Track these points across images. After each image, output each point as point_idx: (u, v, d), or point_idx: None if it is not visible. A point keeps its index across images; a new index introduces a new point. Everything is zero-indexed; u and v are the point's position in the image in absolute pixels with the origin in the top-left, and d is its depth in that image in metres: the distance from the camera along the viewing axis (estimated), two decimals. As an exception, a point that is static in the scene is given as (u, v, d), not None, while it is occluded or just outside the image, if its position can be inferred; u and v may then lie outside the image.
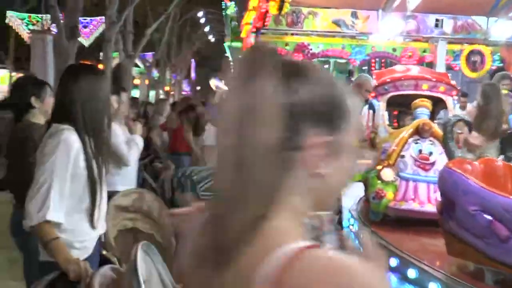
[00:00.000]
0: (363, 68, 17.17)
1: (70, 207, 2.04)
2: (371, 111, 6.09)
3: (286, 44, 8.28)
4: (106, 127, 2.22)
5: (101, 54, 31.11)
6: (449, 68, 8.86)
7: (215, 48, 33.96)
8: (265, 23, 6.27)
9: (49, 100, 2.97)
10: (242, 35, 8.13)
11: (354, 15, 8.46)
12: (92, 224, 2.11)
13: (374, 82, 5.41)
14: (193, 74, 42.08)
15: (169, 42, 26.67)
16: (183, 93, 38.82)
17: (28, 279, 2.81)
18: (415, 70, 5.83)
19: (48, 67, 13.29)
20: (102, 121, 2.17)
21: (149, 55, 29.15)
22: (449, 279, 3.52)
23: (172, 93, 33.28)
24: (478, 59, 9.04)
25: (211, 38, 29.40)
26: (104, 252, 2.27)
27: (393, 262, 4.13)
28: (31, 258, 2.67)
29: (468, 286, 3.38)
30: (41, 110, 2.99)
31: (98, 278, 1.76)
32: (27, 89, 3.02)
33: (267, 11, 5.76)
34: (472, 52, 9.07)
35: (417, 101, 5.05)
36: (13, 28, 22.52)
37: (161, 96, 25.18)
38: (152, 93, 28.44)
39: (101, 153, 2.15)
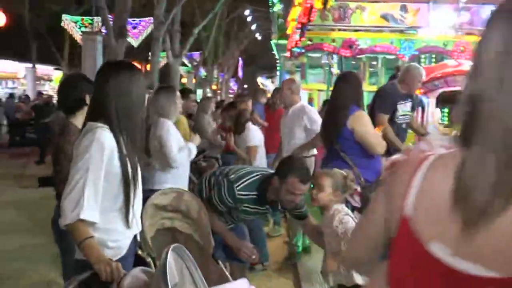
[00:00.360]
0: (411, 64, 16.59)
1: (105, 206, 2.01)
2: (419, 108, 5.86)
3: (333, 40, 8.10)
4: (141, 125, 2.18)
5: (149, 54, 31.95)
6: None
7: (262, 46, 33.95)
8: (310, 19, 6.11)
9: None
10: (288, 31, 7.99)
11: (403, 8, 8.15)
12: (127, 224, 2.09)
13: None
14: (240, 73, 42.32)
15: (216, 40, 26.92)
16: (230, 91, 39.12)
17: (65, 275, 2.83)
18: (467, 65, 5.54)
19: (97, 66, 13.69)
20: (136, 118, 2.13)
21: (196, 54, 29.53)
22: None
23: (219, 91, 33.60)
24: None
25: (258, 36, 29.37)
26: (139, 252, 2.24)
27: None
28: (66, 255, 2.70)
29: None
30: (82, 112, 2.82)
31: (129, 279, 1.74)
32: (80, 86, 2.89)
33: (312, 6, 5.62)
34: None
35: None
36: (67, 31, 23.41)
37: (208, 95, 25.43)
38: (199, 92, 28.80)
39: (135, 151, 2.11)
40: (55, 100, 16.84)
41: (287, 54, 9.83)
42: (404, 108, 4.66)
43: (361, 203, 3.86)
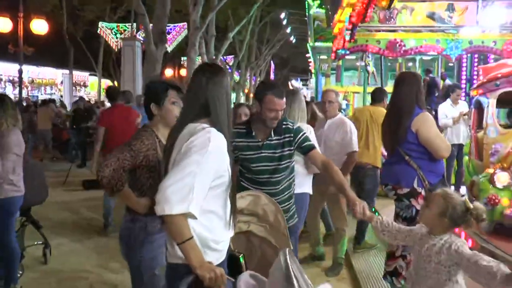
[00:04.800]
0: (450, 64, 16.21)
1: (209, 205, 1.97)
2: (475, 110, 5.67)
3: (378, 42, 7.95)
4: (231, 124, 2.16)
5: (182, 58, 32.36)
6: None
7: (294, 49, 33.90)
8: (366, 19, 6.00)
9: (170, 107, 2.75)
10: (335, 31, 7.89)
11: (450, 7, 7.91)
12: (228, 225, 2.05)
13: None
14: (272, 76, 42.36)
15: (249, 44, 27.01)
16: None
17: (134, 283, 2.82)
18: (528, 64, 5.31)
19: (136, 72, 13.91)
20: (230, 119, 2.12)
21: (229, 58, 29.72)
22: None
23: (251, 95, 33.73)
24: None
25: (292, 39, 29.32)
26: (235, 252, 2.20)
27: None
28: (137, 268, 2.70)
29: None
30: (161, 117, 2.77)
31: (243, 285, 1.68)
32: (147, 95, 2.87)
33: (368, 6, 5.48)
34: None
35: (536, 97, 4.60)
36: (103, 37, 23.93)
37: (241, 101, 25.50)
38: (232, 96, 28.97)
39: (231, 152, 2.09)
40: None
41: (332, 55, 9.66)
42: None
43: (425, 207, 3.77)
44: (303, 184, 3.90)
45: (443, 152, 3.75)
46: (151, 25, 12.48)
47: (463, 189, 6.09)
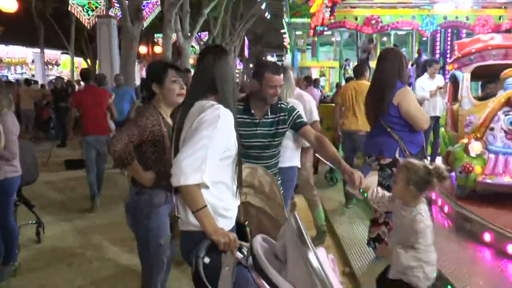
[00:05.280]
0: (423, 39, 16.48)
1: (218, 175, 2.13)
2: (451, 83, 5.93)
3: (356, 18, 8.13)
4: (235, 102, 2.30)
5: (155, 35, 31.86)
6: (528, 35, 8.36)
7: (268, 25, 33.72)
8: (347, -3, 6.22)
9: (170, 86, 2.88)
10: (312, 10, 8.02)
11: (425, -16, 8.15)
12: (234, 195, 2.22)
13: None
14: (246, 52, 42.15)
15: (223, 20, 26.77)
16: (236, 71, 39.02)
17: (142, 254, 2.99)
18: (499, 39, 5.57)
19: (113, 51, 13.72)
20: (235, 94, 2.28)
21: (204, 34, 29.40)
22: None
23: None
24: None
25: (267, 15, 29.16)
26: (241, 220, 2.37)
27: (487, 237, 4.07)
28: (145, 238, 2.87)
29: None
30: (162, 96, 2.91)
31: (259, 247, 1.85)
32: (148, 76, 2.99)
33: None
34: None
35: (508, 71, 4.85)
36: (75, 15, 23.34)
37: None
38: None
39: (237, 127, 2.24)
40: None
41: (310, 32, 9.80)
42: None
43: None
44: (293, 158, 4.09)
45: (423, 124, 3.99)
46: (126, 1, 12.32)
47: (438, 159, 6.39)
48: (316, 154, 7.59)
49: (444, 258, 3.78)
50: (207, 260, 1.92)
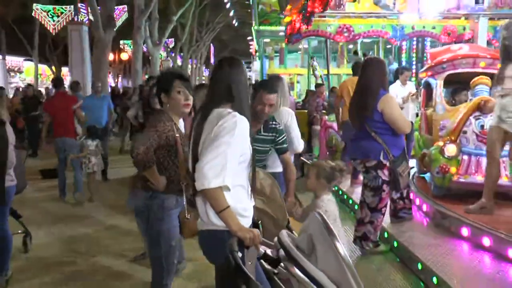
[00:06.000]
0: (388, 46, 17.10)
1: (236, 179, 2.29)
2: (424, 90, 6.30)
3: (329, 27, 8.45)
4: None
5: (121, 42, 31.56)
6: (488, 44, 8.92)
7: (234, 32, 34.01)
8: (326, 8, 6.46)
9: (176, 96, 3.02)
10: (287, 19, 8.30)
11: (395, -6, 8.56)
12: (250, 196, 2.39)
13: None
14: (212, 59, 42.29)
15: (190, 28, 26.87)
16: (203, 78, 39.06)
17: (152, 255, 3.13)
18: (466, 48, 5.99)
19: (85, 57, 13.61)
20: (249, 101, 2.45)
21: (170, 41, 29.37)
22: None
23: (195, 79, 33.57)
24: (520, 34, 9.05)
25: (235, 22, 29.46)
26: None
27: (465, 231, 4.39)
28: (156, 240, 3.00)
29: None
30: (170, 106, 3.04)
31: (288, 240, 2.02)
32: (158, 86, 3.10)
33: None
34: (513, 27, 9.08)
35: (477, 78, 5.24)
36: (39, 20, 22.88)
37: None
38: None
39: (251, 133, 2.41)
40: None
41: (285, 40, 10.08)
42: None
43: (389, 176, 4.31)
44: None
45: (405, 128, 4.29)
46: (99, 8, 12.30)
47: (412, 162, 6.74)
48: (302, 158, 7.88)
49: (427, 252, 4.08)
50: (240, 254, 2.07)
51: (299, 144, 4.08)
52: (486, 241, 4.11)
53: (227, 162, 2.19)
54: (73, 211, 6.55)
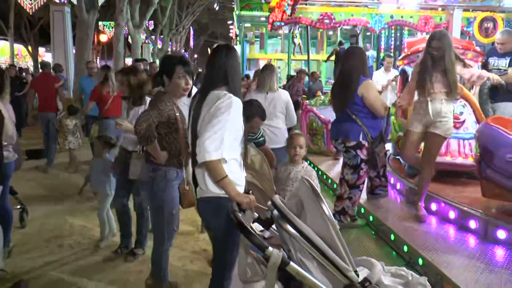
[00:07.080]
0: (367, 34, 17.49)
1: (231, 153, 2.60)
2: (401, 77, 6.68)
3: (311, 14, 8.76)
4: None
5: (99, 23, 31.19)
6: (462, 34, 9.37)
7: (213, 16, 33.90)
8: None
9: (177, 81, 3.22)
10: (272, 4, 8.56)
11: (375, -15, 8.91)
12: (242, 168, 2.70)
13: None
14: (192, 42, 42.11)
15: (170, 11, 26.75)
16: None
17: (155, 221, 3.43)
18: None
19: (67, 38, 13.58)
20: (241, 86, 2.77)
21: (149, 23, 29.15)
22: (488, 217, 4.22)
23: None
24: (490, 26, 9.59)
25: (216, 6, 29.38)
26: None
27: (434, 206, 4.83)
28: (160, 208, 3.30)
29: (503, 221, 4.09)
30: (170, 88, 3.25)
31: (281, 202, 2.35)
32: (160, 68, 3.33)
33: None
34: (485, 19, 9.60)
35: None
36: (15, -1, 22.49)
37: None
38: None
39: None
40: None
41: (268, 26, 10.34)
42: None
43: (367, 155, 4.70)
44: (284, 139, 4.70)
45: (381, 111, 4.67)
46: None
47: (388, 145, 7.17)
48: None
49: (399, 225, 4.52)
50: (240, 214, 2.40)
51: (294, 118, 4.91)
52: (452, 214, 4.56)
53: (225, 137, 2.48)
54: (65, 187, 6.74)
